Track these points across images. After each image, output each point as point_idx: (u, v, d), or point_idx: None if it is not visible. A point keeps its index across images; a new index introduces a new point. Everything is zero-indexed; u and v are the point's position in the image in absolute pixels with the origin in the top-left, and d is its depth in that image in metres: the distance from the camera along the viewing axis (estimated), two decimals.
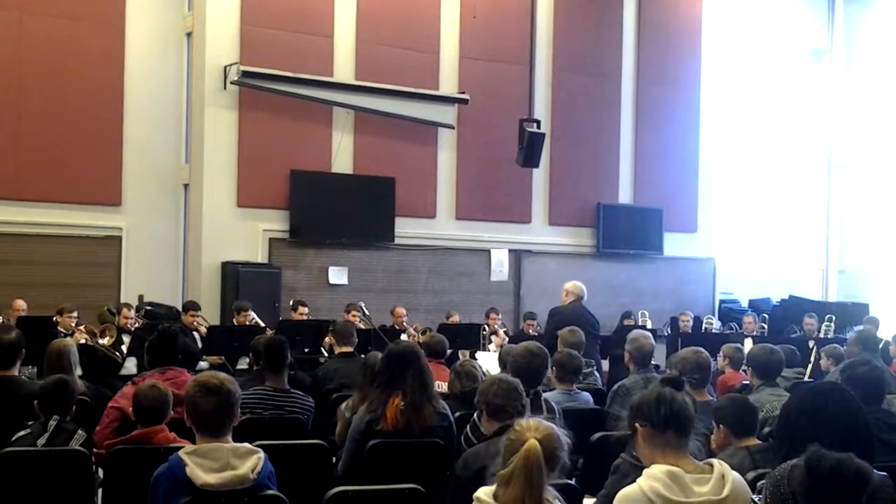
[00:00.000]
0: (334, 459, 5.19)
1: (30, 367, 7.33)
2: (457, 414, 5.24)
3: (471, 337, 10.70)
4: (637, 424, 3.27)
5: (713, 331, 13.67)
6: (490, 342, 10.98)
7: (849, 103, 16.93)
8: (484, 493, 2.99)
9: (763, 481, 2.74)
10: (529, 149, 12.59)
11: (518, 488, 2.88)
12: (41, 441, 4.63)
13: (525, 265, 14.14)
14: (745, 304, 15.59)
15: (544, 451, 2.92)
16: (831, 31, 17.17)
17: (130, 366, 8.93)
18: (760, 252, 16.16)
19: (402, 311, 11.68)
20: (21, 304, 10.16)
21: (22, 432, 4.71)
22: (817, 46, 17.06)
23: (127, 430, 4.74)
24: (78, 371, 6.29)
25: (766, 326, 13.51)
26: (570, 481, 4.13)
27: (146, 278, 12.16)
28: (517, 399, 4.40)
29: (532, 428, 3.00)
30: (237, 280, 11.70)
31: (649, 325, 12.72)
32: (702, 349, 5.72)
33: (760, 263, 16.08)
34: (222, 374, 3.72)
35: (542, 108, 13.94)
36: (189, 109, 12.54)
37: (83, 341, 8.75)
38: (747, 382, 6.36)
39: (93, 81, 11.90)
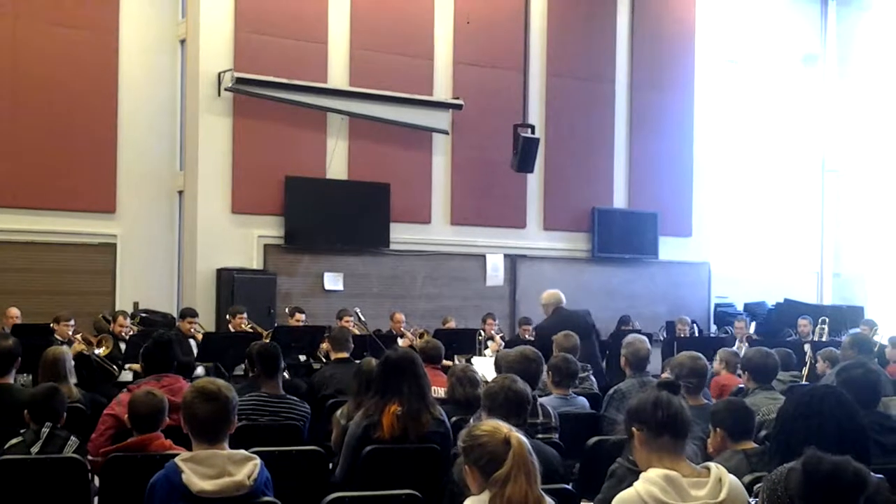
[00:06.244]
0: (331, 466, 5.18)
1: (25, 374, 7.30)
2: (453, 419, 5.23)
3: (467, 342, 10.70)
4: (634, 428, 3.28)
5: (710, 335, 13.67)
6: (486, 347, 10.98)
7: (842, 107, 16.98)
8: (472, 502, 2.98)
9: (760, 484, 2.74)
10: (524, 154, 12.62)
11: (521, 484, 2.88)
12: (34, 448, 4.62)
13: (520, 270, 14.14)
14: (740, 307, 15.61)
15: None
16: (824, 35, 17.23)
17: (126, 373, 8.91)
18: (755, 256, 16.18)
19: (401, 317, 11.68)
20: (15, 311, 10.06)
21: (14, 440, 4.70)
22: (810, 51, 17.10)
23: (123, 438, 4.72)
24: (73, 379, 6.28)
25: (753, 328, 13.54)
26: (566, 486, 4.13)
27: (141, 285, 12.14)
28: (522, 413, 4.37)
29: (497, 427, 3.03)
30: (232, 286, 11.70)
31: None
32: (700, 355, 5.71)
33: (755, 267, 16.10)
34: (220, 381, 3.71)
35: (536, 114, 13.96)
36: (183, 116, 12.53)
37: (81, 350, 8.73)
38: (743, 386, 6.36)
39: (87, 89, 11.88)
